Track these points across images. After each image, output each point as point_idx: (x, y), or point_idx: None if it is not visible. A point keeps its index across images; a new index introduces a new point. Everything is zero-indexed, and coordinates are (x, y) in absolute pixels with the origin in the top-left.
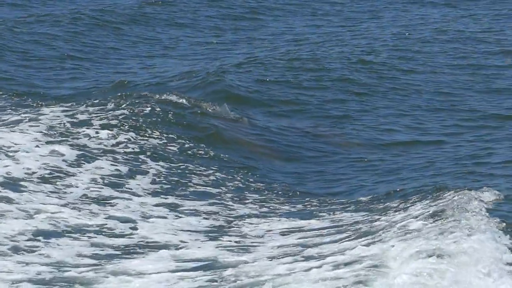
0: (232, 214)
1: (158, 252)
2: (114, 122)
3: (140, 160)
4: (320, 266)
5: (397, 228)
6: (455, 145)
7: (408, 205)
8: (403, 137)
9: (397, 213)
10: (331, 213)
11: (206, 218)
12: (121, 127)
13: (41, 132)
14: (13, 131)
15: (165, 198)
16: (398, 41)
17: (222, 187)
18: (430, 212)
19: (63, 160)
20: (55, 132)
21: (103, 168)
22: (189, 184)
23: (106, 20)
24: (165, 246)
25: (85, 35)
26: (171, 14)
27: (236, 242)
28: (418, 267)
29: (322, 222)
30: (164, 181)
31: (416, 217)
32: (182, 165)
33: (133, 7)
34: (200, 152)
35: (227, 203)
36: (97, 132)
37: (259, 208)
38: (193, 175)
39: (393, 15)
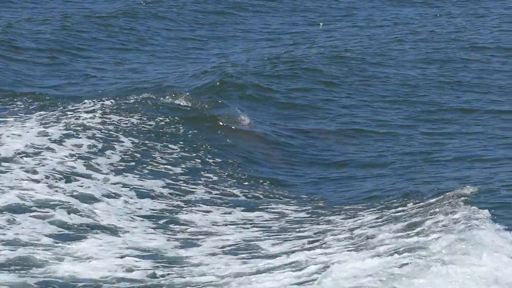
0: (184, 198)
1: (109, 237)
2: (100, 107)
3: (114, 137)
4: (268, 269)
5: (346, 232)
6: (408, 137)
7: (354, 206)
8: (359, 126)
9: (342, 215)
10: (276, 205)
11: (159, 202)
12: (107, 112)
13: (31, 119)
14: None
15: (126, 177)
16: (373, 38)
17: (182, 165)
18: (380, 213)
19: (48, 139)
20: (45, 120)
21: (82, 145)
22: (152, 162)
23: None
24: (116, 231)
25: (76, 36)
26: (159, 12)
27: (183, 232)
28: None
29: (268, 214)
30: (130, 159)
31: (365, 220)
32: (150, 143)
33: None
34: (170, 131)
35: (182, 185)
36: (83, 116)
37: (211, 191)
38: (158, 153)
39: (369, 13)
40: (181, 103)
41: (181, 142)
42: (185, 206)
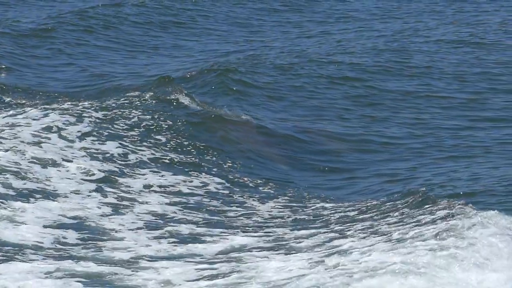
0: (127, 160)
1: (47, 202)
2: (75, 91)
3: (87, 112)
4: (181, 255)
5: (260, 222)
6: (343, 120)
7: (271, 190)
8: (297, 110)
9: (259, 200)
10: (200, 174)
11: (105, 163)
12: (83, 95)
13: (10, 106)
14: None
15: (84, 140)
16: (332, 29)
17: (136, 129)
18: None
19: (26, 117)
20: (24, 104)
21: (56, 120)
22: (112, 127)
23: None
24: (56, 196)
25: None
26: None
27: (116, 197)
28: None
29: (196, 180)
30: (96, 128)
31: (280, 214)
32: (118, 112)
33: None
34: (137, 104)
35: (130, 146)
36: (58, 98)
37: (153, 153)
38: (120, 119)
39: (331, 4)
40: (147, 87)
41: (140, 110)
42: (126, 168)
